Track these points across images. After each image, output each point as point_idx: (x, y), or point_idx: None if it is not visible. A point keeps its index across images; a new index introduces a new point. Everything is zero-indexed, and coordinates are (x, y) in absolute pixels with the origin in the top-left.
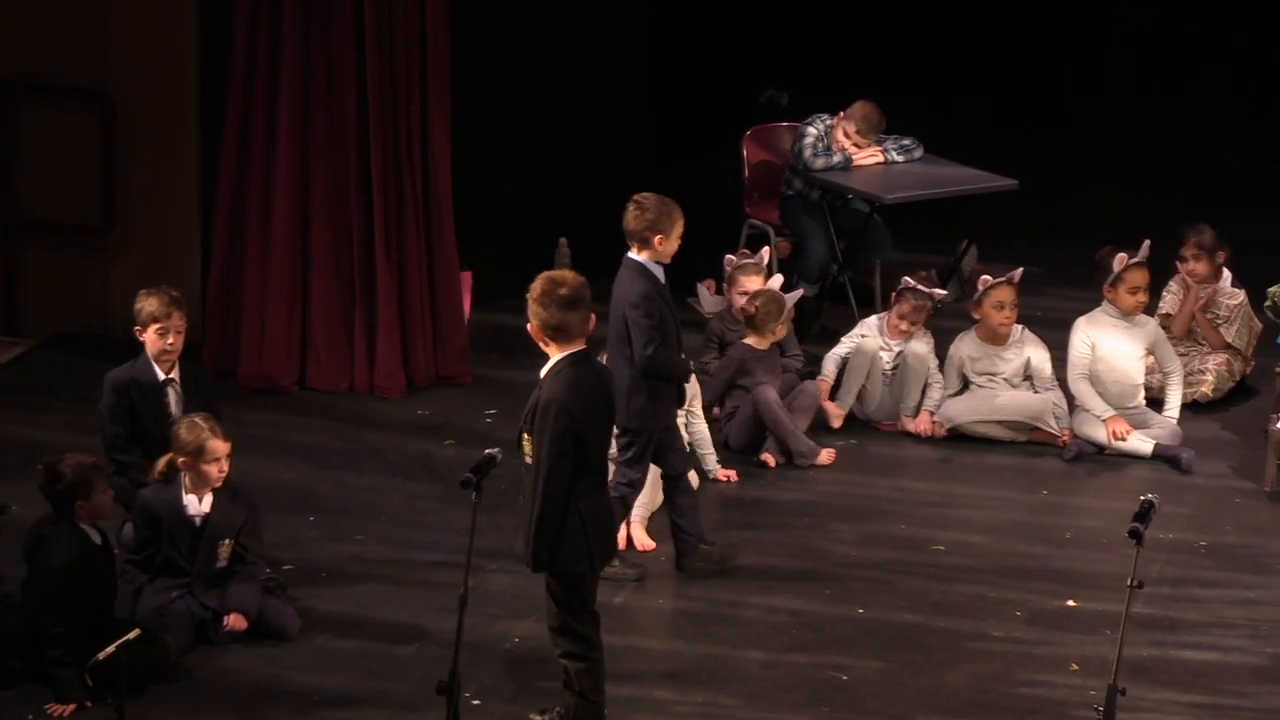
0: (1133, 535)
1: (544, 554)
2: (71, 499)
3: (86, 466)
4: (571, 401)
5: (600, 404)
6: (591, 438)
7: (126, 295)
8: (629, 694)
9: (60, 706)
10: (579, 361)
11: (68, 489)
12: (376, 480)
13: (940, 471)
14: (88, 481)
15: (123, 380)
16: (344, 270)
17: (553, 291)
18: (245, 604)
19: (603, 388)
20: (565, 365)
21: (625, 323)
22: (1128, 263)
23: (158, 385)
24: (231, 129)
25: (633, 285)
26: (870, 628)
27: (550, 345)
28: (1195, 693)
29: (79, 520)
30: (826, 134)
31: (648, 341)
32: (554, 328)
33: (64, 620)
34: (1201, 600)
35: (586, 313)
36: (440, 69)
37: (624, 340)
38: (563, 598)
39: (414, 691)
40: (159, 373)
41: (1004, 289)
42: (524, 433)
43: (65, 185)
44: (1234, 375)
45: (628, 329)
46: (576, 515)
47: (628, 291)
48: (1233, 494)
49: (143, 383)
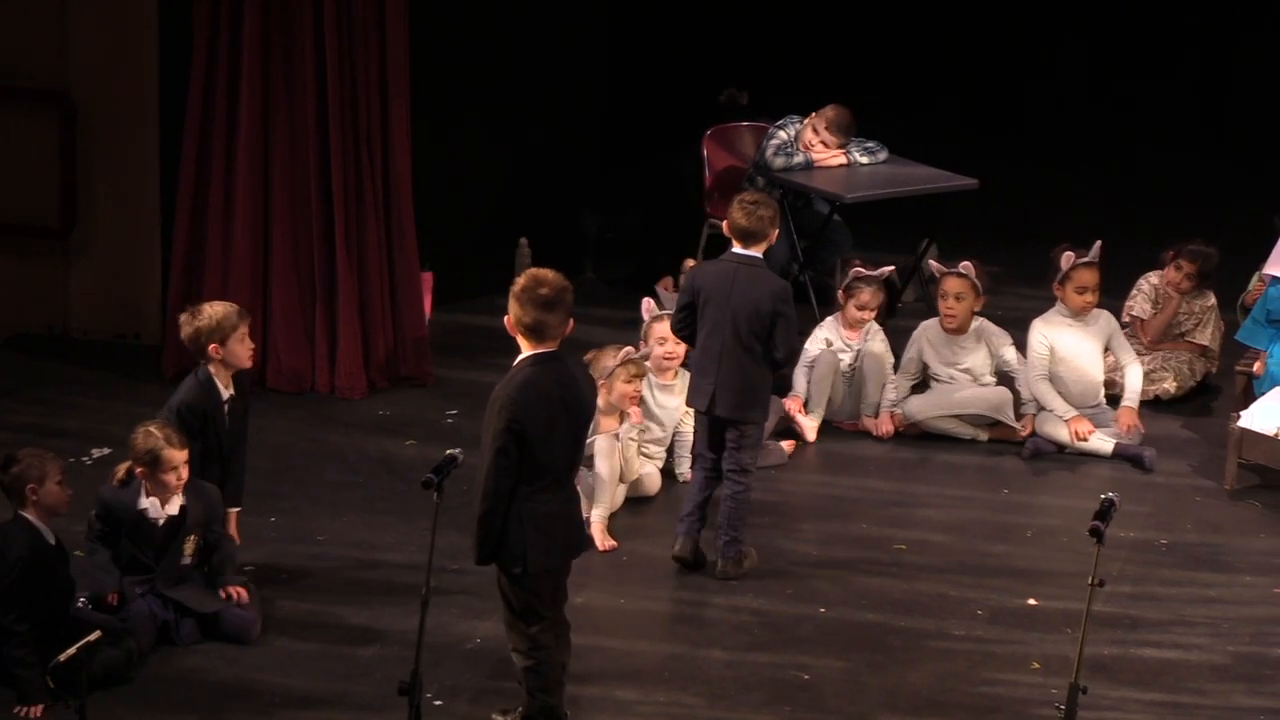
0: (1094, 534)
1: (485, 549)
2: (23, 483)
3: (42, 457)
4: (518, 400)
5: (554, 407)
6: (535, 437)
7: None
8: (592, 694)
9: (26, 708)
10: (543, 362)
11: (19, 474)
12: (338, 480)
13: (902, 471)
14: (40, 469)
15: (195, 405)
16: (304, 271)
17: (533, 290)
18: (240, 580)
19: (560, 391)
20: (528, 364)
21: (762, 319)
22: (1075, 262)
23: (222, 403)
24: (191, 130)
25: (770, 281)
26: (832, 627)
27: (523, 341)
28: (1156, 691)
29: (29, 509)
30: (796, 136)
31: (797, 333)
32: (528, 326)
33: (25, 618)
34: (1162, 598)
35: (564, 315)
36: (400, 70)
37: (755, 336)
38: (509, 595)
39: (376, 692)
40: (223, 390)
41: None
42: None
43: (25, 187)
44: (1195, 374)
45: (769, 324)
46: (517, 517)
47: (768, 288)
48: (1193, 493)
49: (214, 403)
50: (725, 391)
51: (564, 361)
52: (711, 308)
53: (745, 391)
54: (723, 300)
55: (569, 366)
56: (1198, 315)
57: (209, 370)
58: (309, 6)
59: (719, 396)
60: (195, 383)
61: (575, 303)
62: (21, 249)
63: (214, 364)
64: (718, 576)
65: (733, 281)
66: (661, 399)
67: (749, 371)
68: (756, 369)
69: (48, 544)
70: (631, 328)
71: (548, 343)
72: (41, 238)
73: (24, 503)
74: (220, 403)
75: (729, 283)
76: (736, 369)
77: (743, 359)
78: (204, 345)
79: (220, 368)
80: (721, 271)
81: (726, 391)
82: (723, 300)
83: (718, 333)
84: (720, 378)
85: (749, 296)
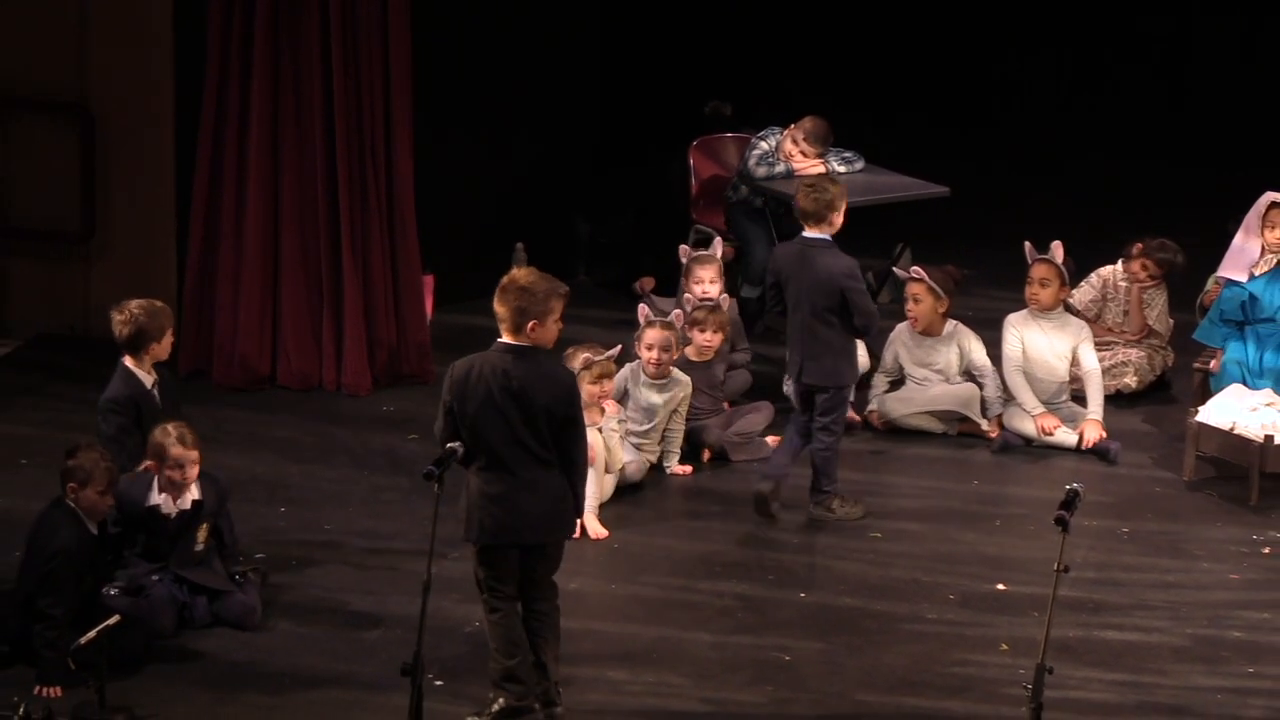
0: (1059, 522)
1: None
2: (68, 478)
3: (98, 464)
4: (458, 374)
5: (488, 391)
6: (464, 414)
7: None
8: (584, 675)
9: (48, 688)
10: (505, 351)
11: (69, 469)
12: (344, 473)
13: (877, 463)
14: (87, 471)
15: (121, 396)
16: (312, 274)
17: (508, 285)
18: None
19: (500, 380)
20: (493, 348)
21: (832, 295)
22: (1033, 257)
23: (148, 390)
24: (205, 139)
25: (838, 259)
26: (812, 611)
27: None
28: (1119, 671)
29: (67, 499)
30: (777, 147)
31: (872, 302)
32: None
33: (61, 603)
34: (1124, 584)
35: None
36: (403, 83)
37: (829, 310)
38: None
39: (380, 673)
40: (145, 378)
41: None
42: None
43: (47, 194)
44: (1154, 369)
45: (840, 299)
46: (468, 490)
47: (837, 264)
48: (1153, 483)
49: (140, 391)
50: (810, 361)
51: (523, 354)
52: (790, 288)
53: (827, 360)
54: (798, 280)
55: (530, 360)
56: (1148, 301)
57: (127, 364)
58: (316, 21)
59: (805, 366)
60: (118, 378)
61: (569, 304)
62: (44, 253)
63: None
64: (812, 516)
65: (802, 262)
66: (647, 395)
67: (830, 342)
68: (837, 339)
69: (89, 533)
70: (623, 328)
71: (511, 335)
72: (63, 243)
73: (64, 493)
74: (146, 390)
75: (799, 263)
76: (817, 341)
77: (822, 331)
78: (144, 344)
79: (143, 360)
80: (793, 253)
81: (811, 361)
82: (798, 280)
83: (799, 310)
84: (806, 350)
85: (817, 275)
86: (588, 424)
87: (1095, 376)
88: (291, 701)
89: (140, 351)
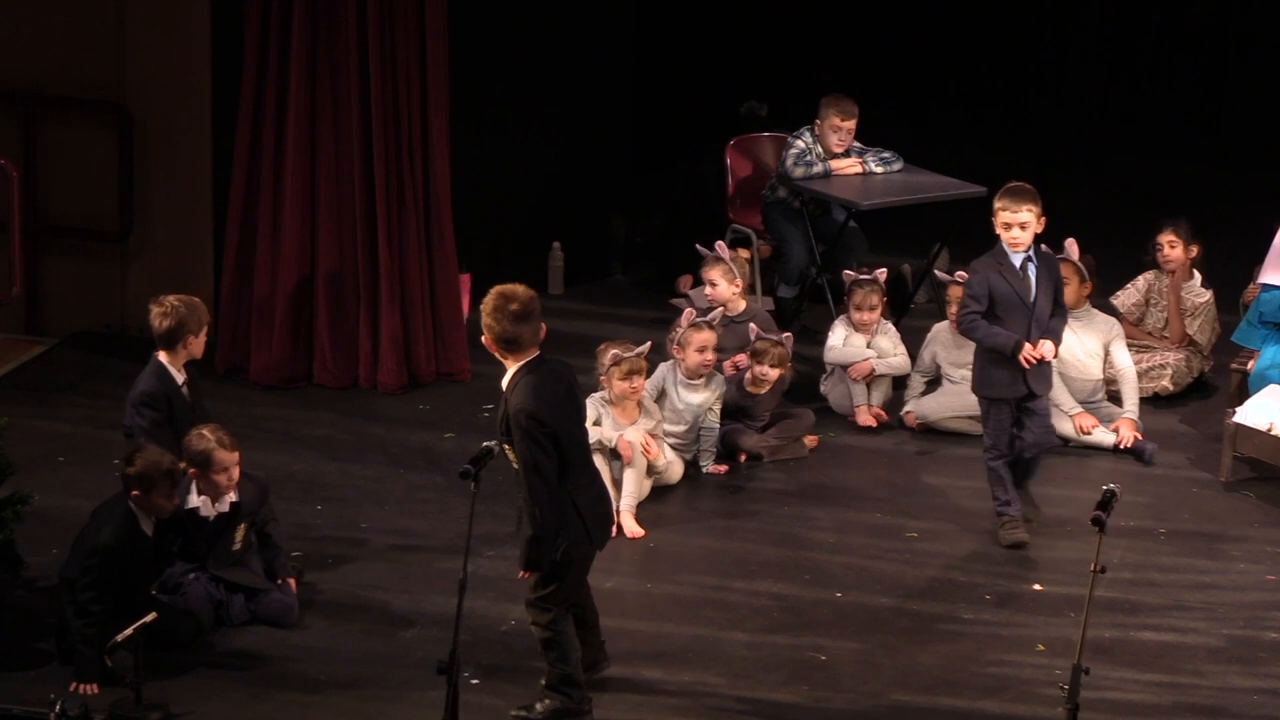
0: (1095, 523)
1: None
2: (129, 488)
3: (158, 467)
4: (538, 406)
5: (564, 400)
6: (564, 433)
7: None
8: (619, 674)
9: (85, 685)
10: (536, 367)
11: (130, 478)
12: (380, 471)
13: (914, 463)
14: (150, 479)
15: (156, 391)
16: (349, 273)
17: (504, 307)
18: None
19: (562, 385)
20: (524, 373)
21: None
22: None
23: (179, 386)
24: (242, 139)
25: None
26: (847, 610)
27: (506, 358)
28: (1155, 672)
29: (137, 509)
30: (814, 144)
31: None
32: (506, 340)
33: (102, 599)
34: (1160, 584)
35: (537, 324)
36: (440, 82)
37: None
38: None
39: (416, 671)
40: (178, 375)
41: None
42: (504, 444)
43: (85, 193)
44: (1192, 371)
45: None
46: (572, 505)
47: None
48: (1190, 484)
49: (172, 387)
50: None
51: (551, 361)
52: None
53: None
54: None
55: (554, 361)
56: (1190, 311)
57: (161, 359)
58: (353, 21)
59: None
60: (151, 372)
61: (604, 303)
62: (82, 251)
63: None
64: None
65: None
66: (686, 395)
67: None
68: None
69: (142, 532)
70: (659, 327)
71: (529, 351)
72: (101, 241)
73: (127, 499)
74: (177, 386)
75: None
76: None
77: None
78: (182, 336)
79: (177, 356)
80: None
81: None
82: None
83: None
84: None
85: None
86: (622, 422)
87: (1129, 375)
88: (327, 700)
89: (176, 346)
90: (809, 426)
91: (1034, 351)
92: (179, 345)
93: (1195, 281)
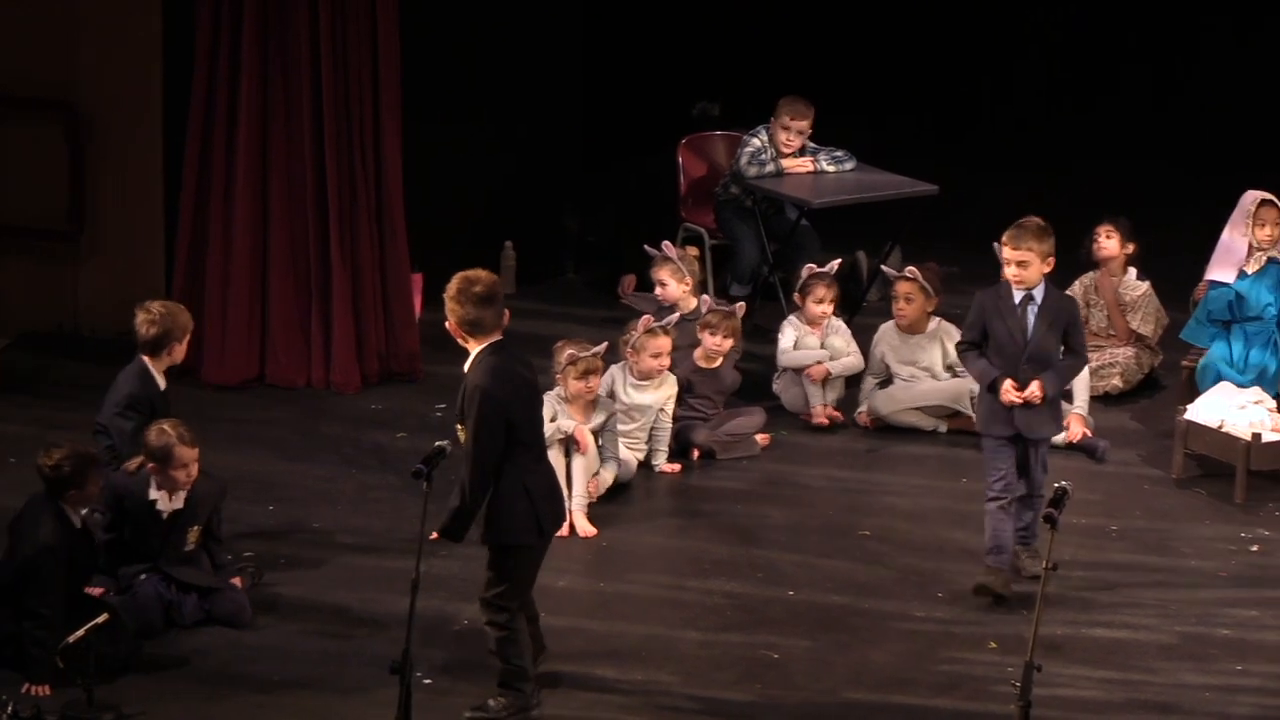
0: (1048, 520)
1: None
2: (66, 487)
3: (85, 459)
4: (494, 386)
5: (522, 385)
6: (518, 417)
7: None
8: (572, 673)
9: (37, 686)
10: (498, 350)
11: (65, 478)
12: (333, 471)
13: (866, 461)
14: (84, 474)
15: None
16: (301, 272)
17: (468, 290)
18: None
19: (522, 371)
20: (485, 354)
21: None
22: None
23: (161, 391)
24: (194, 138)
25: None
26: (800, 609)
27: (469, 341)
28: (1107, 669)
29: (66, 505)
30: (769, 144)
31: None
32: (470, 323)
33: (47, 602)
34: (1112, 582)
35: (500, 308)
36: (391, 80)
37: None
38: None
39: (369, 671)
40: (160, 380)
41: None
42: (458, 423)
43: (36, 192)
44: (1142, 368)
45: None
46: (523, 489)
47: None
48: (1142, 481)
49: (155, 392)
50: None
51: (512, 347)
52: None
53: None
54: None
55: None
56: (1130, 305)
57: (145, 363)
58: (305, 21)
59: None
60: (136, 375)
61: (557, 301)
62: (32, 251)
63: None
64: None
65: None
66: (636, 396)
67: None
68: None
69: (73, 527)
70: (611, 326)
71: (492, 334)
72: (51, 240)
73: (61, 499)
74: (160, 391)
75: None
76: None
77: None
78: (167, 344)
79: (161, 361)
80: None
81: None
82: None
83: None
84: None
85: None
86: (576, 421)
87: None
88: (281, 700)
89: (160, 352)
90: (761, 425)
91: (1014, 393)
92: (163, 352)
93: (1130, 276)
